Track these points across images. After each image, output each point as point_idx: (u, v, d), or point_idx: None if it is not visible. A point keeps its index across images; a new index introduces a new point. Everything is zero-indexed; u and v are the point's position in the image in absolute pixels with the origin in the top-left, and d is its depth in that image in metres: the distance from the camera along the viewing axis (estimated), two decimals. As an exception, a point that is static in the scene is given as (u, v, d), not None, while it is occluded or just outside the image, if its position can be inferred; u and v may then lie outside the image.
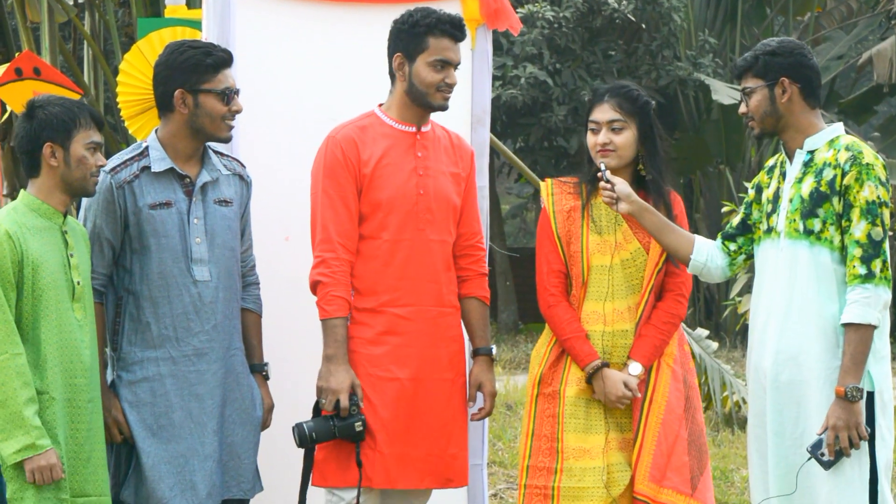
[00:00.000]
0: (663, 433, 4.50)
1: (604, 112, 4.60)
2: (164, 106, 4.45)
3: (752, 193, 4.52)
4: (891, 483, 4.39)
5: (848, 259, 4.18)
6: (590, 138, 4.62)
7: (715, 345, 10.36)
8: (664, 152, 4.66)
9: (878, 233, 4.17)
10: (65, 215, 4.24)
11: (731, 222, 4.58)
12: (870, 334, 4.14)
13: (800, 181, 4.29)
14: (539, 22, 16.33)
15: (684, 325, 4.73)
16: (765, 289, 4.36)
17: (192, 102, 4.40)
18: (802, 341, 4.22)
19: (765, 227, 4.40)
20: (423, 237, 4.57)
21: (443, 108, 4.59)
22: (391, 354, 4.52)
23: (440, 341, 4.59)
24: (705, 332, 10.40)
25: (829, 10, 19.55)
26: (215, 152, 4.56)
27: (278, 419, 4.65)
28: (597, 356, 4.53)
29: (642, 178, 4.63)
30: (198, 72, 4.38)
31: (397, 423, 4.49)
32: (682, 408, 4.55)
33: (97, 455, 4.22)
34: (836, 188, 4.21)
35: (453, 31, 4.56)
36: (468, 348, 4.76)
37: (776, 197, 4.37)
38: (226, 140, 4.49)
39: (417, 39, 4.53)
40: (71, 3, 11.43)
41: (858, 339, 4.13)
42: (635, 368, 4.54)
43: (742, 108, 4.40)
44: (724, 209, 10.84)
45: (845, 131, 4.37)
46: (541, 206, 4.72)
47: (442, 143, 4.68)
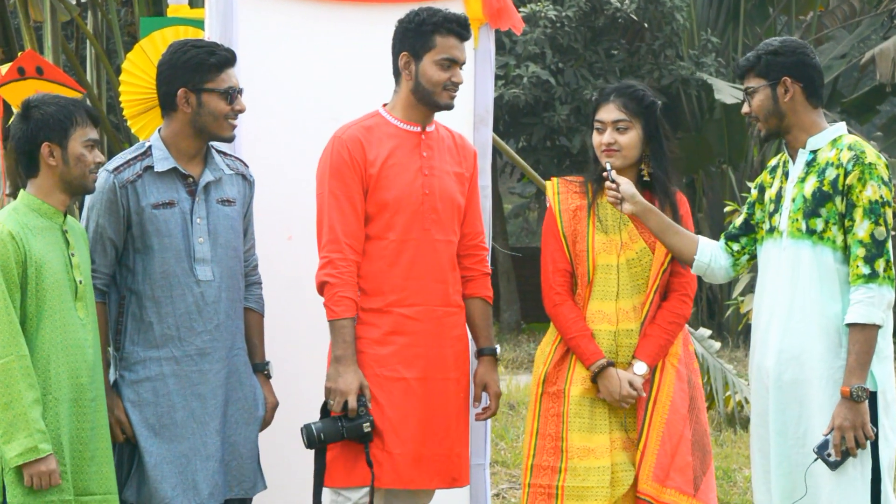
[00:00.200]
0: (667, 433, 4.50)
1: (609, 112, 4.60)
2: (168, 105, 4.44)
3: (754, 193, 4.51)
4: (894, 483, 4.38)
5: (851, 259, 4.18)
6: (595, 138, 4.62)
7: (717, 344, 10.35)
8: (670, 152, 4.66)
9: (881, 232, 4.17)
10: (65, 215, 4.24)
11: (734, 222, 4.58)
12: (874, 334, 4.14)
13: (802, 181, 4.29)
14: (541, 21, 16.32)
15: (687, 325, 4.72)
16: (767, 289, 4.36)
17: (196, 102, 4.39)
18: (805, 341, 4.22)
19: (767, 226, 4.39)
20: (428, 237, 4.57)
21: (449, 107, 4.59)
22: (398, 354, 4.52)
23: (446, 341, 4.60)
24: (708, 332, 10.40)
25: (831, 9, 19.53)
26: (218, 152, 4.55)
27: (280, 418, 4.64)
28: (602, 355, 4.53)
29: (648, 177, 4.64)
30: (201, 71, 4.38)
31: (405, 423, 4.49)
32: (687, 408, 4.55)
33: (102, 453, 4.22)
34: (839, 188, 4.20)
35: (459, 29, 4.56)
36: (471, 347, 4.77)
37: (779, 197, 4.37)
38: (229, 139, 4.49)
39: (424, 38, 4.53)
40: (74, 2, 11.45)
41: (863, 339, 4.13)
42: (640, 368, 4.53)
43: (745, 108, 4.39)
44: (727, 209, 10.82)
45: (847, 131, 4.37)
46: (543, 206, 4.73)
47: (446, 142, 4.68)
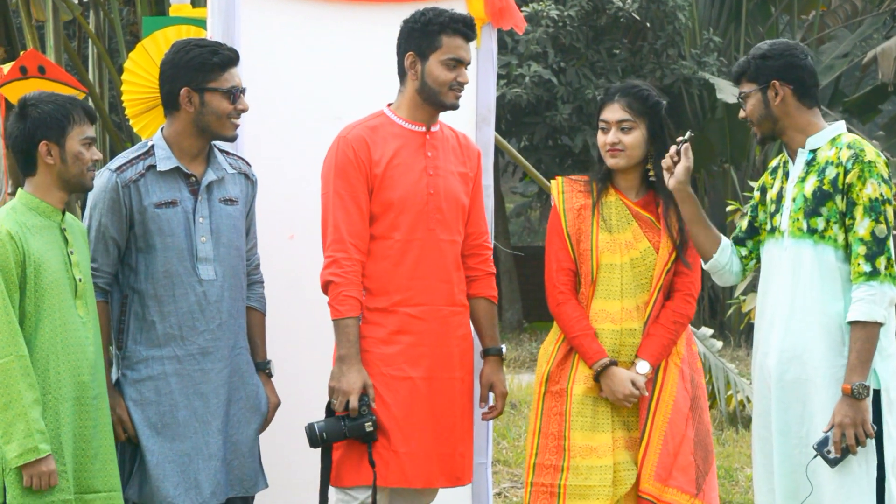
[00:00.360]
0: (670, 432, 4.50)
1: (613, 111, 4.60)
2: (170, 104, 4.44)
3: (757, 195, 4.52)
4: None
5: (852, 257, 4.18)
6: (600, 137, 4.63)
7: (719, 344, 10.35)
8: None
9: (881, 230, 4.17)
10: (63, 213, 4.24)
11: (739, 225, 4.58)
12: (876, 332, 4.14)
13: (803, 180, 4.29)
14: (543, 20, 16.33)
15: (689, 325, 4.72)
16: (771, 288, 4.36)
17: (199, 101, 4.39)
18: (807, 340, 4.22)
19: (769, 227, 4.40)
20: (433, 237, 4.57)
21: (454, 106, 4.59)
22: (404, 354, 4.52)
23: (451, 340, 4.60)
24: (710, 331, 10.41)
25: (833, 8, 19.53)
26: (221, 151, 4.55)
27: (280, 417, 4.64)
28: (605, 354, 4.53)
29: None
30: (204, 70, 4.38)
31: (411, 422, 4.50)
32: (689, 407, 4.55)
33: (105, 451, 4.22)
34: (839, 186, 4.20)
35: (465, 29, 4.57)
36: (476, 347, 4.77)
37: (780, 197, 4.37)
38: (231, 139, 4.49)
39: (430, 38, 4.53)
40: (76, 1, 11.45)
41: (865, 337, 4.13)
42: (643, 367, 4.53)
43: (741, 113, 4.41)
44: (729, 208, 10.82)
45: (848, 130, 4.37)
46: (545, 205, 4.74)
47: (450, 142, 4.69)
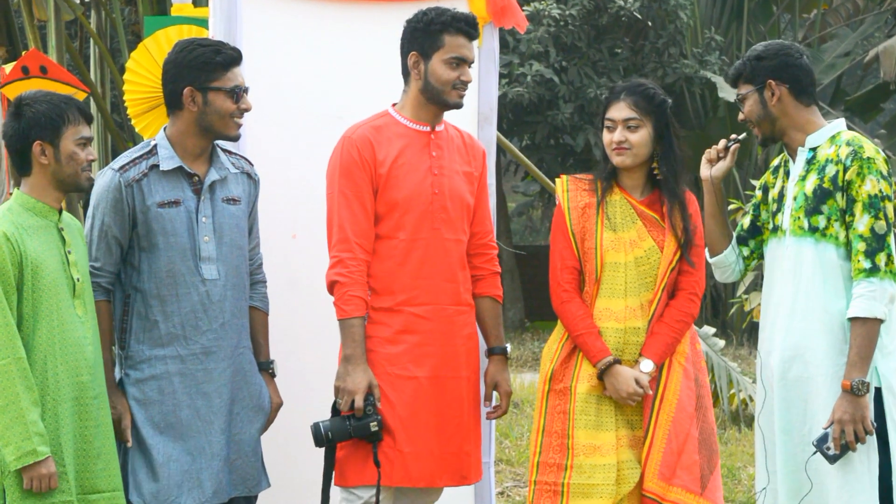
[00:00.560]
0: (674, 431, 4.49)
1: (619, 110, 4.60)
2: (173, 104, 4.44)
3: (758, 195, 4.53)
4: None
5: (852, 254, 4.19)
6: (605, 136, 4.63)
7: (721, 342, 10.35)
8: (680, 151, 4.67)
9: (881, 226, 4.17)
10: (60, 212, 4.23)
11: (741, 224, 4.59)
12: (876, 328, 4.15)
13: (803, 179, 4.30)
14: (545, 20, 16.33)
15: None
16: (774, 287, 4.37)
17: (202, 100, 4.39)
18: (809, 338, 4.23)
19: (771, 225, 4.41)
20: (438, 236, 4.57)
21: (458, 106, 4.60)
22: (409, 353, 4.53)
23: (456, 339, 4.60)
24: (712, 330, 10.41)
25: (835, 7, 19.52)
26: (223, 150, 4.55)
27: (283, 416, 4.64)
28: (609, 353, 4.52)
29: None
30: (207, 70, 4.38)
31: (416, 422, 4.50)
32: (693, 406, 4.55)
33: (107, 451, 4.22)
34: (839, 184, 4.21)
35: (468, 28, 4.57)
36: (481, 346, 4.77)
37: (781, 196, 4.38)
38: (234, 138, 4.49)
39: (433, 37, 4.53)
40: (77, 1, 11.45)
41: (865, 333, 4.14)
42: (647, 366, 4.53)
43: (741, 115, 4.42)
44: (731, 206, 10.82)
45: (849, 128, 4.37)
46: (547, 204, 4.75)
47: (455, 142, 4.69)
